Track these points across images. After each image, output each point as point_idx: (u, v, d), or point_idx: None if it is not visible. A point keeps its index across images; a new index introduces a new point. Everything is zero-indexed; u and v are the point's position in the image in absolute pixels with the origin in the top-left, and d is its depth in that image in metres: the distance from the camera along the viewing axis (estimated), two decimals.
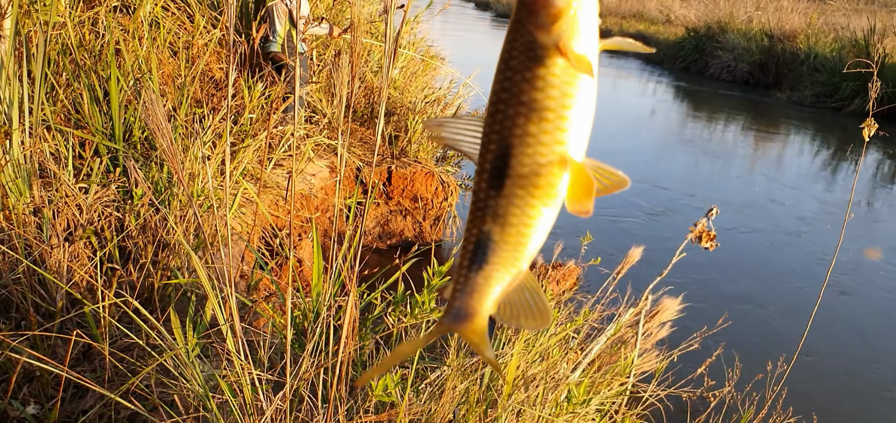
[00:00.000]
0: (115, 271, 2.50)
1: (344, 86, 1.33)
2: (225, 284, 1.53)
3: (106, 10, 3.90)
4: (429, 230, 6.00)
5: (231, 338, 1.49)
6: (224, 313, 1.51)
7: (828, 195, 8.59)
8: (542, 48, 0.70)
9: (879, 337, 4.96)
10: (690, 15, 20.39)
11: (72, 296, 2.40)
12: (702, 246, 2.95)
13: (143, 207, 2.89)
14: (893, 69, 13.29)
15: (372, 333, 2.07)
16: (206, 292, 1.50)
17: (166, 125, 1.52)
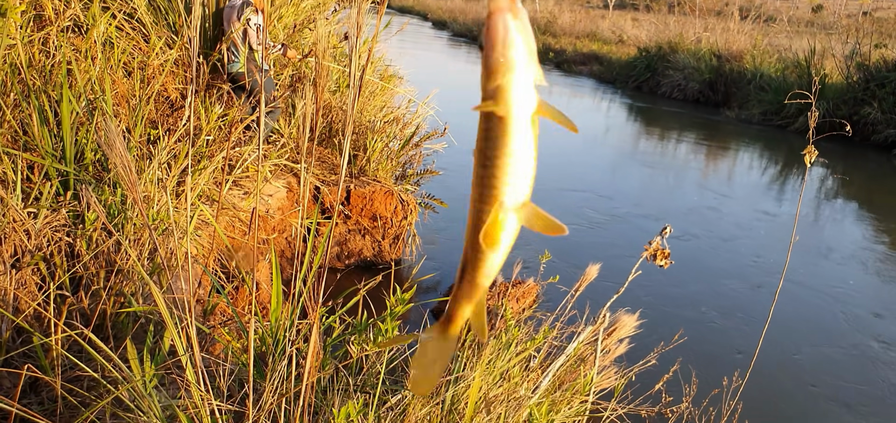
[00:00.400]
0: (66, 299, 2.43)
1: (308, 114, 1.33)
2: (184, 312, 1.51)
3: (57, 30, 3.81)
4: (388, 250, 5.98)
5: (190, 368, 1.46)
6: (183, 342, 1.48)
7: (776, 210, 8.85)
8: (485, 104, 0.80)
9: (831, 347, 5.12)
10: (642, 35, 20.88)
11: (19, 326, 2.32)
12: (657, 264, 3.01)
13: (95, 232, 2.82)
14: (833, 89, 13.84)
15: (332, 357, 2.06)
16: (165, 319, 1.47)
17: (123, 149, 1.50)
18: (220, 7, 5.33)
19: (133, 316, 2.62)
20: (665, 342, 3.56)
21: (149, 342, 1.78)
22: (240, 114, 4.74)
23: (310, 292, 1.31)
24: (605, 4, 36.38)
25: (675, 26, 19.75)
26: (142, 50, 4.77)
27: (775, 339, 5.06)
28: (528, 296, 4.91)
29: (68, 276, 2.60)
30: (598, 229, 7.32)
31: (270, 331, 1.77)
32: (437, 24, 41.03)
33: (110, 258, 2.77)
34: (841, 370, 4.85)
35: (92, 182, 3.30)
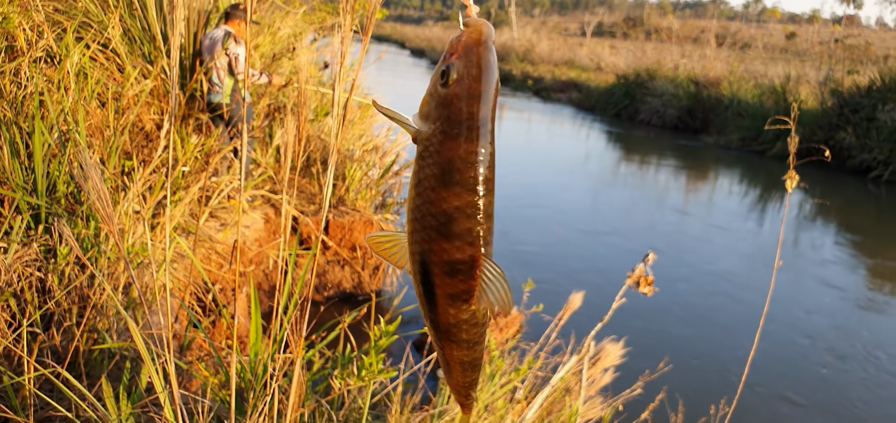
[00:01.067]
0: (37, 336, 2.35)
1: (290, 144, 1.29)
2: (163, 349, 1.45)
3: (29, 61, 3.74)
4: (368, 280, 5.92)
5: (169, 406, 1.40)
6: (161, 380, 1.43)
7: (757, 234, 8.94)
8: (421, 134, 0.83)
9: (815, 369, 5.12)
10: (620, 62, 21.16)
11: None
12: (640, 291, 2.99)
13: (67, 267, 2.74)
14: (809, 115, 14.10)
15: (314, 392, 2.00)
16: (142, 356, 1.41)
17: (98, 180, 1.45)
18: (196, 37, 5.29)
19: (107, 353, 2.54)
20: (650, 370, 3.53)
21: (125, 380, 1.71)
22: (218, 144, 4.68)
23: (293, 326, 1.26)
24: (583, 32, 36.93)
25: (653, 53, 20.05)
26: (116, 80, 4.70)
27: (761, 363, 5.06)
28: (511, 326, 4.87)
29: (40, 312, 2.52)
30: (580, 257, 7.32)
31: (250, 366, 1.71)
32: (414, 53, 41.31)
33: (83, 293, 2.69)
34: (828, 393, 4.85)
35: (64, 215, 3.22)
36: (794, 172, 2.14)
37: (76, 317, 2.47)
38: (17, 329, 2.34)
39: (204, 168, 4.46)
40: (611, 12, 60.33)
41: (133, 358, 2.43)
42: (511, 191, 9.58)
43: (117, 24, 4.80)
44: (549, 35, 36.84)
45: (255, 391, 1.62)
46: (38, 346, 2.25)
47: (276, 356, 1.74)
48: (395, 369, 1.81)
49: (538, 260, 6.98)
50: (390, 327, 1.68)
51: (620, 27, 40.38)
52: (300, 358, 1.24)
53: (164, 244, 3.34)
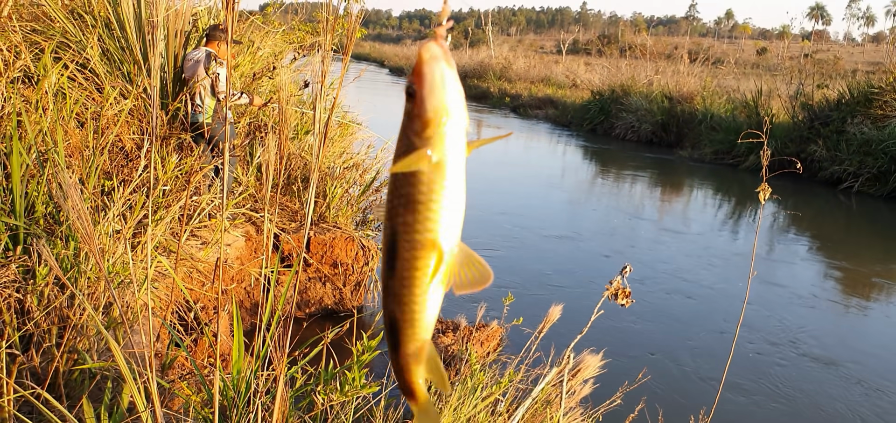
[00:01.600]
0: (16, 358, 2.34)
1: (271, 162, 1.32)
2: (145, 368, 1.46)
3: (6, 81, 3.73)
4: (349, 297, 5.92)
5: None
6: (143, 399, 1.43)
7: (731, 245, 9.07)
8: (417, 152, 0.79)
9: (789, 379, 5.21)
10: (595, 79, 21.40)
11: None
12: (618, 303, 3.04)
13: (46, 287, 2.73)
14: (781, 129, 14.35)
15: (296, 409, 2.01)
16: (123, 375, 1.42)
17: (79, 199, 1.46)
18: (177, 57, 5.29)
19: (87, 374, 2.53)
20: (629, 382, 3.58)
21: (106, 400, 1.71)
22: (200, 163, 4.68)
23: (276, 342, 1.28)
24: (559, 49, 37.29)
25: (627, 70, 20.32)
26: (95, 100, 4.69)
27: (739, 372, 5.14)
28: (492, 339, 4.90)
29: (18, 334, 2.50)
30: (558, 270, 7.38)
31: (233, 383, 1.72)
32: (394, 71, 41.42)
33: (63, 314, 2.68)
34: (804, 400, 4.94)
35: (43, 236, 3.20)
36: (766, 184, 2.21)
37: (56, 338, 2.46)
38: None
39: (184, 187, 4.46)
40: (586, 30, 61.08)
41: (114, 378, 2.43)
42: (489, 205, 9.64)
43: (96, 43, 4.79)
44: (525, 53, 37.17)
45: (238, 409, 1.63)
46: (17, 367, 2.24)
47: (260, 373, 1.75)
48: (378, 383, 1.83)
49: (517, 274, 7.03)
50: (373, 342, 1.70)
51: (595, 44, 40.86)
52: (283, 375, 1.26)
53: (145, 264, 3.33)
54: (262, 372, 1.82)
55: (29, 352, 2.40)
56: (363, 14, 1.34)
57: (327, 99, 6.86)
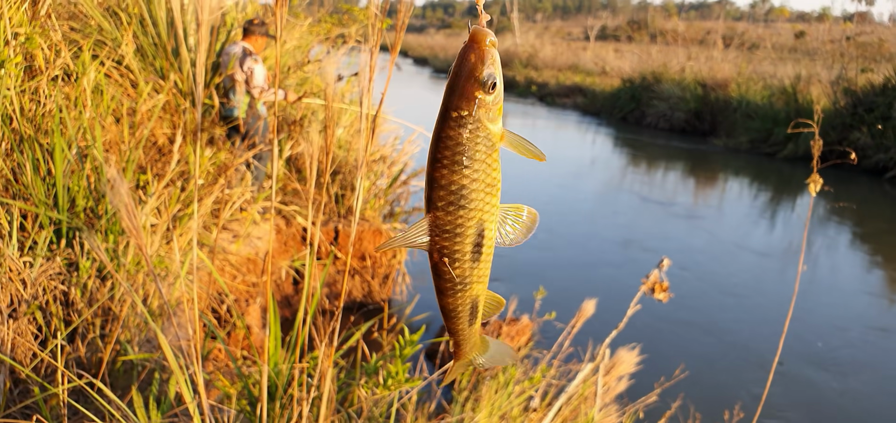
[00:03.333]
0: (64, 348, 2.42)
1: (315, 159, 1.36)
2: (188, 360, 1.51)
3: (48, 79, 3.83)
4: (378, 289, 5.98)
5: (198, 416, 1.46)
6: (190, 390, 1.49)
7: (769, 238, 8.94)
8: (496, 138, 0.86)
9: (835, 373, 5.14)
10: (625, 66, 21.14)
11: (17, 376, 2.31)
12: (656, 298, 3.02)
13: (90, 280, 2.81)
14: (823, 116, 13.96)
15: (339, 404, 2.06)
16: (170, 366, 1.48)
17: (128, 198, 1.51)
18: (211, 51, 5.37)
19: (129, 363, 2.61)
20: (666, 378, 3.56)
21: (154, 390, 1.77)
22: (232, 157, 4.76)
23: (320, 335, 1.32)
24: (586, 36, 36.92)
25: (658, 56, 20.01)
26: (130, 96, 4.79)
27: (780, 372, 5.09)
28: (523, 334, 4.91)
29: (63, 323, 2.59)
30: (590, 263, 7.36)
31: (276, 375, 1.77)
32: (417, 61, 41.38)
33: (105, 305, 2.76)
34: (850, 397, 4.87)
35: (84, 229, 3.30)
36: (817, 175, 2.17)
37: (100, 329, 2.54)
38: (45, 341, 2.41)
39: (216, 181, 4.54)
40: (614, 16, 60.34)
41: (152, 369, 2.50)
42: (517, 198, 9.61)
43: (130, 40, 4.89)
44: (552, 40, 36.88)
45: (281, 401, 1.68)
46: (64, 357, 2.32)
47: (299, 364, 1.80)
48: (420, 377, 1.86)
49: (548, 267, 7.02)
50: (415, 336, 1.73)
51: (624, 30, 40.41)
52: (330, 367, 1.30)
53: (183, 256, 3.41)
54: (299, 364, 1.87)
55: (75, 342, 2.49)
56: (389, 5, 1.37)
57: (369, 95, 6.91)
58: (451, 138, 0.84)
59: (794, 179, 12.67)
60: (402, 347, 1.61)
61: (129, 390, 1.99)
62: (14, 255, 2.75)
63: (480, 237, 0.87)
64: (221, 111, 5.28)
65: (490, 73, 0.83)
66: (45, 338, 2.59)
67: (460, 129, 0.84)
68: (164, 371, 2.27)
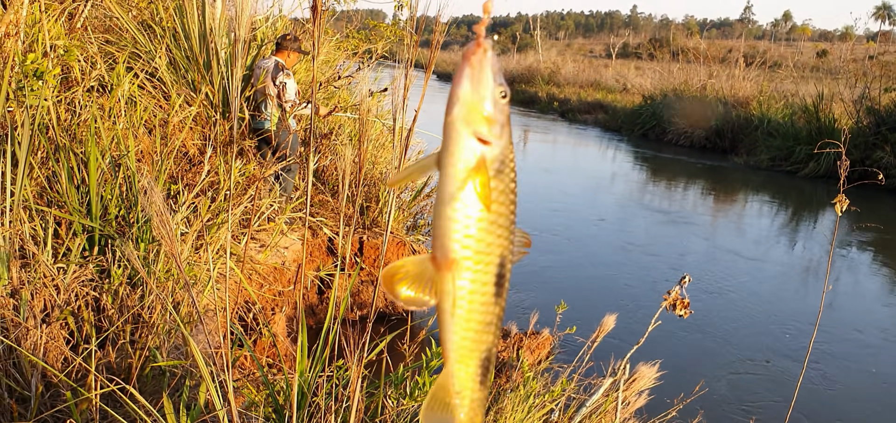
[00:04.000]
0: (94, 353, 2.47)
1: (347, 174, 1.38)
2: (217, 367, 1.54)
3: (83, 90, 3.93)
4: None
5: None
6: (220, 397, 1.51)
7: (790, 256, 8.84)
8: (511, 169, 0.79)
9: (859, 395, 5.07)
10: (646, 83, 21.07)
11: (48, 381, 2.36)
12: (676, 314, 3.02)
13: (121, 287, 2.87)
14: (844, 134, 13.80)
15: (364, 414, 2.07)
16: (201, 373, 1.51)
17: (163, 207, 1.55)
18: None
19: (157, 370, 2.65)
20: (686, 394, 3.54)
21: (185, 397, 1.81)
22: (262, 170, 4.83)
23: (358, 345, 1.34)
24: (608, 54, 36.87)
25: (680, 74, 19.93)
26: (162, 107, 4.88)
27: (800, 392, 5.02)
28: (543, 347, 4.90)
29: (96, 332, 2.64)
30: (610, 278, 7.32)
31: (305, 383, 1.79)
32: (441, 77, 41.56)
33: (135, 312, 2.81)
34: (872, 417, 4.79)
35: (116, 237, 3.37)
36: (843, 195, 2.16)
37: (130, 335, 2.59)
38: (76, 346, 2.46)
39: (245, 191, 4.60)
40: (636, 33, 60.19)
41: (183, 375, 2.54)
42: (538, 212, 9.62)
43: (164, 53, 4.99)
44: (574, 57, 36.89)
45: (308, 409, 1.71)
46: (95, 363, 2.37)
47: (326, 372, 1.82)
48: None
49: (568, 282, 7.00)
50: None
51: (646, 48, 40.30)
52: (358, 376, 1.32)
53: (214, 264, 3.47)
54: (326, 372, 1.89)
55: (105, 348, 2.54)
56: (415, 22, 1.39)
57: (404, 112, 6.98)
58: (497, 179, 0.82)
59: (815, 197, 12.54)
60: (429, 358, 1.62)
61: (158, 395, 2.03)
62: (48, 261, 2.81)
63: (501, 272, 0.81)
64: (251, 124, 5.37)
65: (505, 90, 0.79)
66: (76, 343, 2.65)
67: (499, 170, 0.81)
68: (192, 378, 2.30)
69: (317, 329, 4.91)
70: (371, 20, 9.23)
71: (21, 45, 3.30)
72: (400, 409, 1.87)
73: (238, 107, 1.31)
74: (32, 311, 2.54)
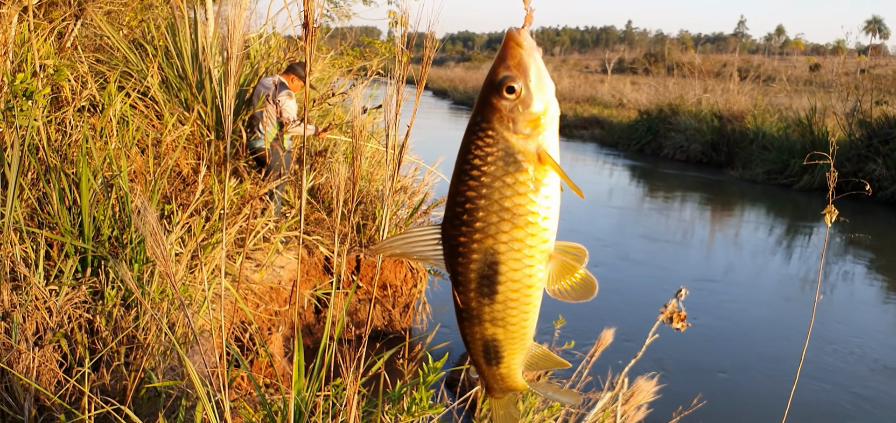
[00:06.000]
0: (88, 376, 2.43)
1: (342, 191, 1.36)
2: (214, 387, 1.51)
3: (74, 110, 3.90)
4: (399, 318, 5.96)
5: None
6: (217, 417, 1.48)
7: (785, 269, 8.83)
8: (523, 155, 0.71)
9: (853, 403, 5.03)
10: (642, 98, 21.14)
11: (41, 404, 2.32)
12: (673, 327, 2.99)
13: (115, 308, 2.83)
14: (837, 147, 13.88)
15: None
16: (198, 393, 1.47)
17: (158, 227, 1.52)
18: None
19: (152, 391, 2.61)
20: (683, 407, 3.51)
21: (181, 417, 1.77)
22: (265, 187, 4.79)
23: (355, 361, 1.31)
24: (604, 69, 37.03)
25: (675, 89, 20.01)
26: (155, 127, 4.86)
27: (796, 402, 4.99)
28: None
29: (89, 354, 2.60)
30: (608, 292, 7.29)
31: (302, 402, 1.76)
32: (437, 94, 41.68)
33: (129, 334, 2.77)
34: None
35: (109, 259, 3.33)
36: (833, 206, 2.15)
37: (124, 357, 2.55)
38: (69, 369, 2.42)
39: (240, 211, 4.57)
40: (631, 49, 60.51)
41: (179, 397, 2.50)
42: None
43: (156, 72, 4.97)
44: (569, 72, 37.06)
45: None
46: (89, 385, 2.33)
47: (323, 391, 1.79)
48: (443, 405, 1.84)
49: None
50: (438, 363, 1.71)
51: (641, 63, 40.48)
52: (355, 394, 1.29)
53: (208, 284, 3.43)
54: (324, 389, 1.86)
55: (99, 370, 2.49)
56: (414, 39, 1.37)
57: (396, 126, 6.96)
58: (465, 145, 0.74)
59: (809, 210, 12.58)
60: (426, 374, 1.59)
61: (154, 417, 1.99)
62: (40, 283, 2.78)
63: (491, 269, 0.75)
64: (248, 144, 5.35)
65: (508, 75, 0.72)
66: (69, 366, 2.61)
67: (472, 136, 0.74)
68: (188, 399, 2.26)
69: (314, 349, 4.87)
70: (365, 37, 9.25)
71: (10, 64, 3.28)
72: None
73: (230, 126, 1.29)
74: (24, 334, 2.50)
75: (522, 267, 0.76)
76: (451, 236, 0.75)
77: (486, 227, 0.76)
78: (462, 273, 0.76)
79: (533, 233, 0.74)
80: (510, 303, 0.78)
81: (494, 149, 0.74)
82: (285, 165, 5.38)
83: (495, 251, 0.76)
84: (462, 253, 0.76)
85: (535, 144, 0.72)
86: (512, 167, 0.74)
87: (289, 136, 5.39)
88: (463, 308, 0.79)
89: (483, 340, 0.82)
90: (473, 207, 0.74)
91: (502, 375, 0.86)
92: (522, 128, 0.72)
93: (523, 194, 0.74)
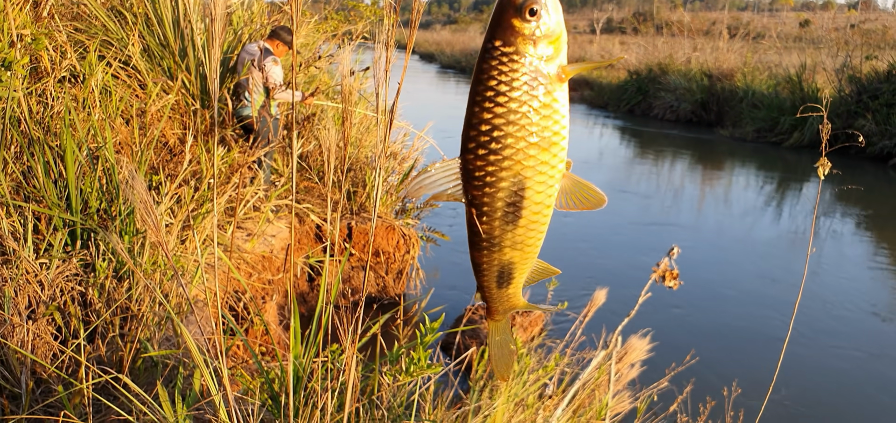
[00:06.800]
0: (84, 347, 2.41)
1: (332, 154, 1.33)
2: (211, 355, 1.49)
3: (54, 81, 3.82)
4: (392, 284, 5.96)
5: (223, 408, 1.45)
6: (215, 383, 1.47)
7: (776, 225, 8.89)
8: (548, 78, 0.70)
9: (844, 358, 5.10)
10: (631, 58, 21.03)
11: (38, 376, 2.30)
12: (665, 285, 3.01)
13: (107, 280, 2.80)
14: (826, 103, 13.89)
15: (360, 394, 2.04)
16: (195, 361, 1.46)
17: (147, 195, 1.49)
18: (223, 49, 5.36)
19: (148, 362, 2.60)
20: (677, 363, 3.56)
21: (180, 385, 1.76)
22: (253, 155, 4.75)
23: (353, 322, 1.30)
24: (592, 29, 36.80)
25: (664, 48, 19.92)
26: (139, 97, 4.78)
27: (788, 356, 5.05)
28: (535, 325, 4.90)
29: (82, 324, 2.58)
30: (600, 253, 7.32)
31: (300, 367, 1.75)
32: (424, 57, 41.35)
33: (123, 305, 2.75)
34: (858, 381, 4.83)
35: (98, 231, 3.29)
36: (826, 159, 2.15)
37: (118, 328, 2.53)
38: (64, 342, 2.40)
39: (229, 179, 4.53)
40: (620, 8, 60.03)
41: (175, 366, 2.49)
42: None
43: (137, 40, 4.88)
44: None
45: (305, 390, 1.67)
46: (85, 356, 2.31)
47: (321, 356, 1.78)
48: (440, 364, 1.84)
49: (558, 258, 6.99)
50: (435, 324, 1.71)
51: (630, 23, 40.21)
52: (354, 354, 1.28)
53: (195, 256, 3.41)
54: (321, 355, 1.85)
55: (94, 342, 2.48)
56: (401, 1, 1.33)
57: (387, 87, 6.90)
58: (484, 72, 0.72)
59: (799, 167, 12.64)
60: (423, 334, 1.58)
61: (152, 386, 1.98)
62: (30, 257, 2.74)
63: (517, 196, 0.75)
64: (234, 111, 5.28)
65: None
66: (64, 339, 2.59)
67: (494, 61, 0.73)
68: (185, 367, 2.25)
69: (308, 316, 4.87)
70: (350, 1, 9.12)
71: None
72: (397, 386, 1.84)
73: (217, 90, 1.26)
74: (17, 308, 2.48)
75: (545, 189, 0.76)
76: (476, 166, 0.74)
77: (515, 153, 0.75)
78: (488, 203, 0.76)
79: (556, 154, 0.75)
80: (531, 226, 0.79)
81: (519, 73, 0.73)
82: (274, 132, 5.33)
83: (523, 177, 0.75)
84: (489, 183, 0.75)
85: (556, 64, 0.72)
86: (538, 90, 0.73)
87: (276, 102, 5.33)
88: (485, 238, 0.79)
89: (500, 265, 0.83)
90: (502, 134, 0.73)
91: (509, 295, 0.87)
92: (545, 49, 0.72)
93: (549, 117, 0.74)
